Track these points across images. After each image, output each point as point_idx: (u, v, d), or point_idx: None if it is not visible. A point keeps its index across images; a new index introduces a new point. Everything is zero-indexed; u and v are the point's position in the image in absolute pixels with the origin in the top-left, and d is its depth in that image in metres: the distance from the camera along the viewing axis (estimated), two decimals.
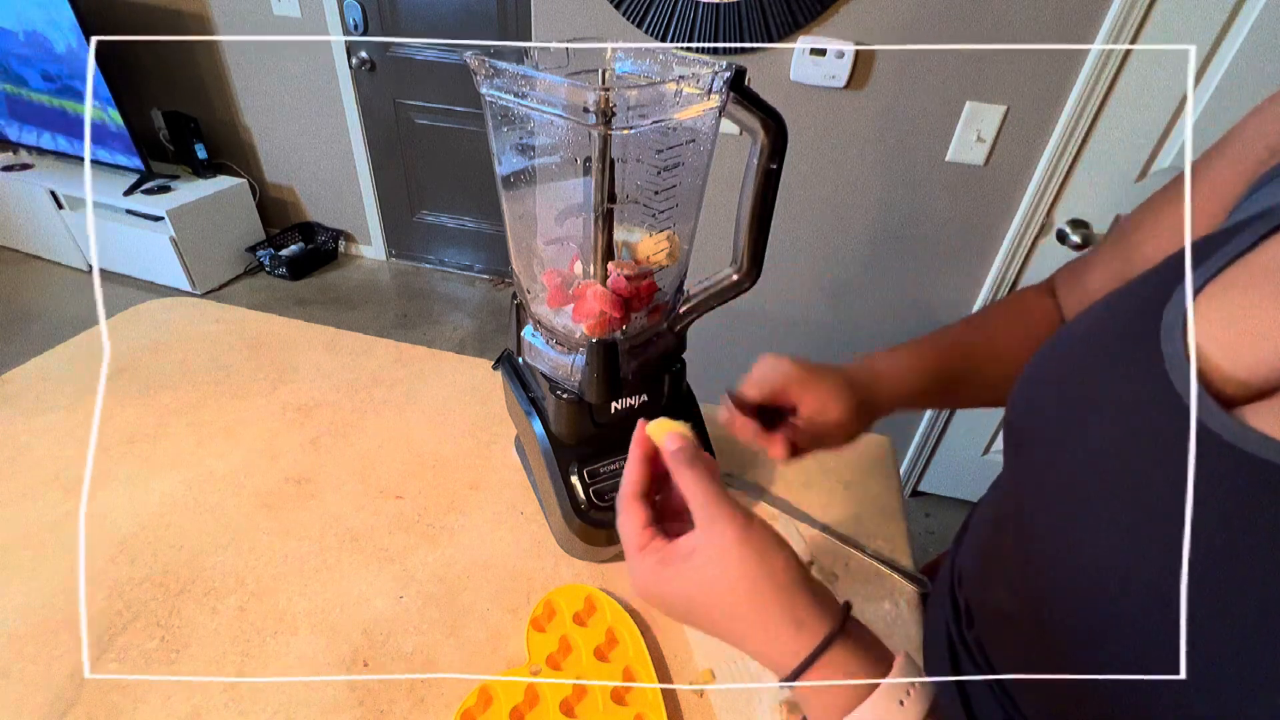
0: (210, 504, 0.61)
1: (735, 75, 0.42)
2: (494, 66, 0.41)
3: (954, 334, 0.49)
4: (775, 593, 0.28)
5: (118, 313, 0.86)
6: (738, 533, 0.29)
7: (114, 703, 0.46)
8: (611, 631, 0.51)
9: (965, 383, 0.47)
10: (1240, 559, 0.24)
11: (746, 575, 0.28)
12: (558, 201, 0.49)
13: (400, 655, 0.50)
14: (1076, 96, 1.14)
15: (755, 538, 0.29)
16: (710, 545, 0.29)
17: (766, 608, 0.28)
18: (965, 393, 0.49)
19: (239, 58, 2.47)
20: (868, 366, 0.45)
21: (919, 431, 1.67)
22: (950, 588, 0.49)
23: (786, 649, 0.28)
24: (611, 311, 0.47)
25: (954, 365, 0.47)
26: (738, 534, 0.29)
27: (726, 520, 0.29)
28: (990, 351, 0.48)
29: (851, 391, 0.42)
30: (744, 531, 0.29)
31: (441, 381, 0.79)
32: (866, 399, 0.43)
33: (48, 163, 2.56)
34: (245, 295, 2.58)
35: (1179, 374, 0.27)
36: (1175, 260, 0.33)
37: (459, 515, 0.62)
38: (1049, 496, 0.34)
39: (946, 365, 0.46)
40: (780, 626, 0.28)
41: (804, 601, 0.28)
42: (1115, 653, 0.29)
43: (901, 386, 0.45)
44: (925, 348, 0.47)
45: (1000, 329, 0.49)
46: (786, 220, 1.43)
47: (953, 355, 0.47)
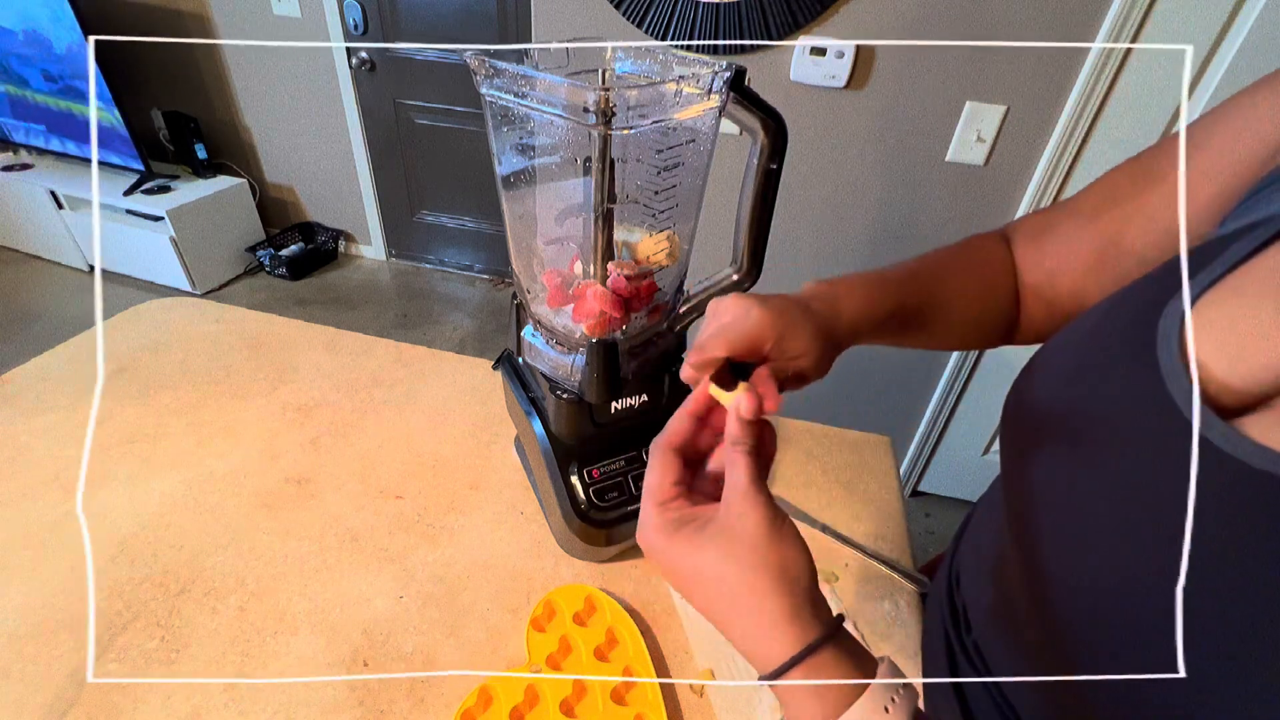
0: (210, 504, 0.61)
1: (735, 75, 0.42)
2: (494, 66, 0.41)
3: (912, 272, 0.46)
4: (780, 593, 0.28)
5: (118, 313, 0.86)
6: (765, 527, 0.29)
7: (114, 703, 0.46)
8: (611, 631, 0.51)
9: (922, 322, 0.45)
10: (1237, 569, 0.24)
11: (758, 569, 0.28)
12: (558, 201, 0.49)
13: (400, 655, 0.50)
14: (1076, 96, 1.14)
15: (784, 531, 0.29)
16: (733, 529, 0.29)
17: (767, 605, 0.28)
18: (921, 334, 0.47)
19: (239, 58, 2.47)
20: (830, 298, 0.41)
21: (919, 431, 1.67)
22: (948, 590, 0.49)
23: (774, 648, 0.28)
24: (611, 311, 0.47)
25: (912, 303, 0.44)
26: (765, 528, 0.29)
27: (759, 510, 0.29)
28: (947, 297, 0.46)
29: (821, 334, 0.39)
30: (771, 527, 0.29)
31: (441, 381, 0.79)
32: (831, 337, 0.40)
33: (48, 163, 2.56)
34: (245, 295, 2.58)
35: (1175, 382, 0.27)
36: (1172, 265, 0.33)
37: (459, 515, 0.62)
38: (1047, 503, 0.34)
39: (906, 303, 0.44)
40: (774, 625, 0.28)
41: (809, 601, 0.28)
42: (1113, 661, 0.29)
43: (861, 321, 0.42)
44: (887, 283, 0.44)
45: (957, 275, 0.48)
46: (786, 220, 1.43)
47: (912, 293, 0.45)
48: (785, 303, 0.38)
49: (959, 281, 0.47)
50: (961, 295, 0.47)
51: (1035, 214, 0.49)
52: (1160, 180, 0.41)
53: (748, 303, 0.37)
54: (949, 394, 1.57)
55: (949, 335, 0.48)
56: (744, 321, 0.36)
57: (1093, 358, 0.33)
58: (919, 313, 0.45)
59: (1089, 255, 0.43)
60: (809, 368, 0.38)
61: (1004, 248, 0.49)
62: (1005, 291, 0.48)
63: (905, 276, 0.45)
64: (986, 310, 0.47)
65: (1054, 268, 0.45)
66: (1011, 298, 0.48)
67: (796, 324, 0.37)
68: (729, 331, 0.36)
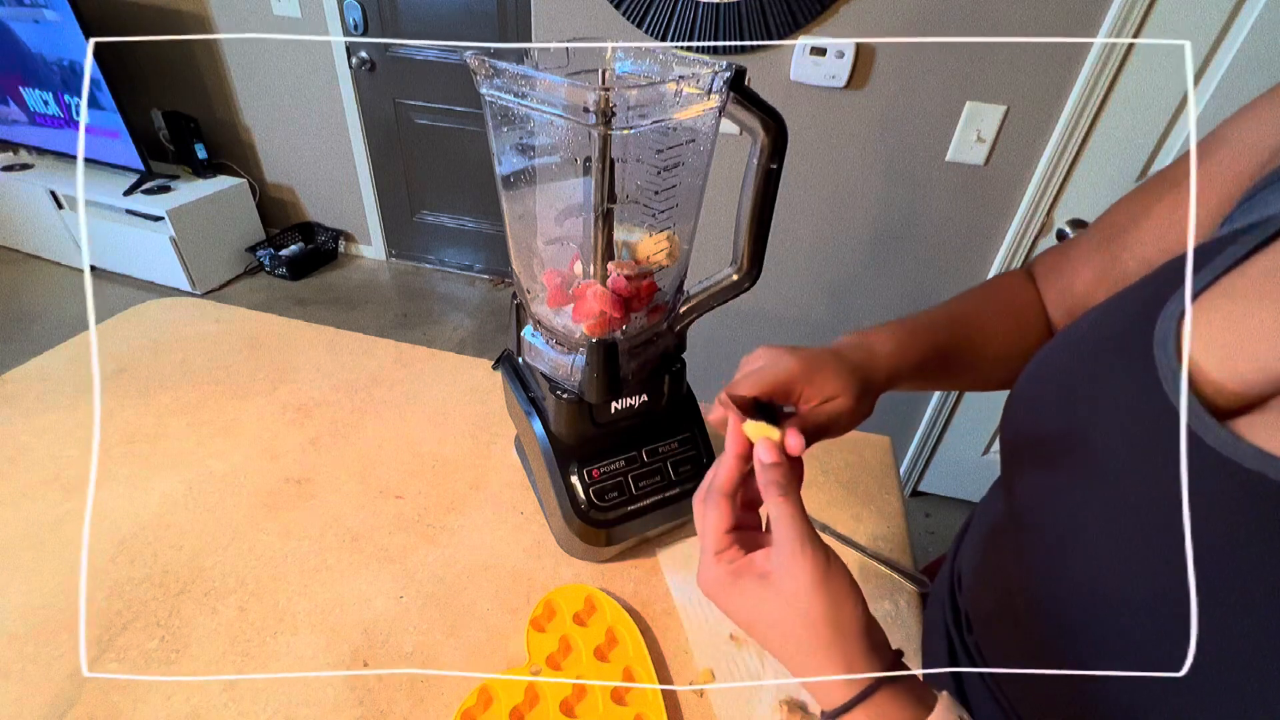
0: (210, 504, 0.61)
1: (735, 75, 0.42)
2: (494, 66, 0.41)
3: (943, 316, 0.47)
4: (837, 638, 0.29)
5: (118, 313, 0.86)
6: (817, 576, 0.30)
7: (114, 703, 0.46)
8: (611, 631, 0.51)
9: (956, 365, 0.46)
10: (1234, 569, 0.24)
11: (814, 616, 0.29)
12: (558, 201, 0.49)
13: (400, 655, 0.50)
14: (1076, 96, 1.14)
15: (833, 583, 0.30)
16: (788, 578, 0.30)
17: (825, 649, 0.29)
18: (958, 377, 0.48)
19: (239, 58, 2.47)
20: (864, 346, 0.43)
21: (919, 431, 1.67)
22: (950, 592, 0.49)
23: (833, 691, 0.29)
24: (611, 311, 0.47)
25: (946, 348, 0.45)
26: (817, 577, 0.30)
27: (810, 560, 0.30)
28: (980, 337, 0.47)
29: (855, 378, 0.40)
30: (824, 576, 0.30)
31: (441, 381, 0.79)
32: (867, 382, 0.41)
33: (48, 163, 2.56)
34: (245, 295, 2.58)
35: (1172, 384, 0.27)
36: (1168, 268, 0.33)
37: (459, 515, 0.62)
38: (1046, 505, 0.34)
39: (939, 347, 0.45)
40: (834, 668, 0.29)
41: (861, 648, 0.29)
42: (1114, 663, 0.29)
43: (898, 364, 0.43)
44: (919, 328, 0.45)
45: (988, 315, 0.48)
46: (786, 220, 1.43)
47: (945, 337, 0.46)
48: (817, 350, 0.40)
49: (991, 322, 0.48)
50: (995, 335, 0.47)
51: (1054, 249, 0.50)
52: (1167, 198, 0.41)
53: (779, 350, 0.39)
54: (949, 394, 1.57)
55: (985, 376, 0.48)
56: (774, 366, 0.38)
57: (1090, 361, 0.33)
58: (955, 355, 0.45)
59: (1110, 284, 0.43)
60: (845, 409, 0.39)
61: (1030, 285, 0.50)
62: (1037, 328, 0.48)
63: (937, 321, 0.46)
64: (1018, 348, 0.47)
65: (1079, 300, 0.45)
66: (1043, 334, 0.48)
67: (827, 367, 0.39)
68: (759, 374, 0.37)
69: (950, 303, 0.49)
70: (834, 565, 0.30)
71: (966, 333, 0.47)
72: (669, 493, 0.56)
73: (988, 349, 0.47)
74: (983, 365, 0.47)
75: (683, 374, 0.56)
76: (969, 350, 0.46)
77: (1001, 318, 0.48)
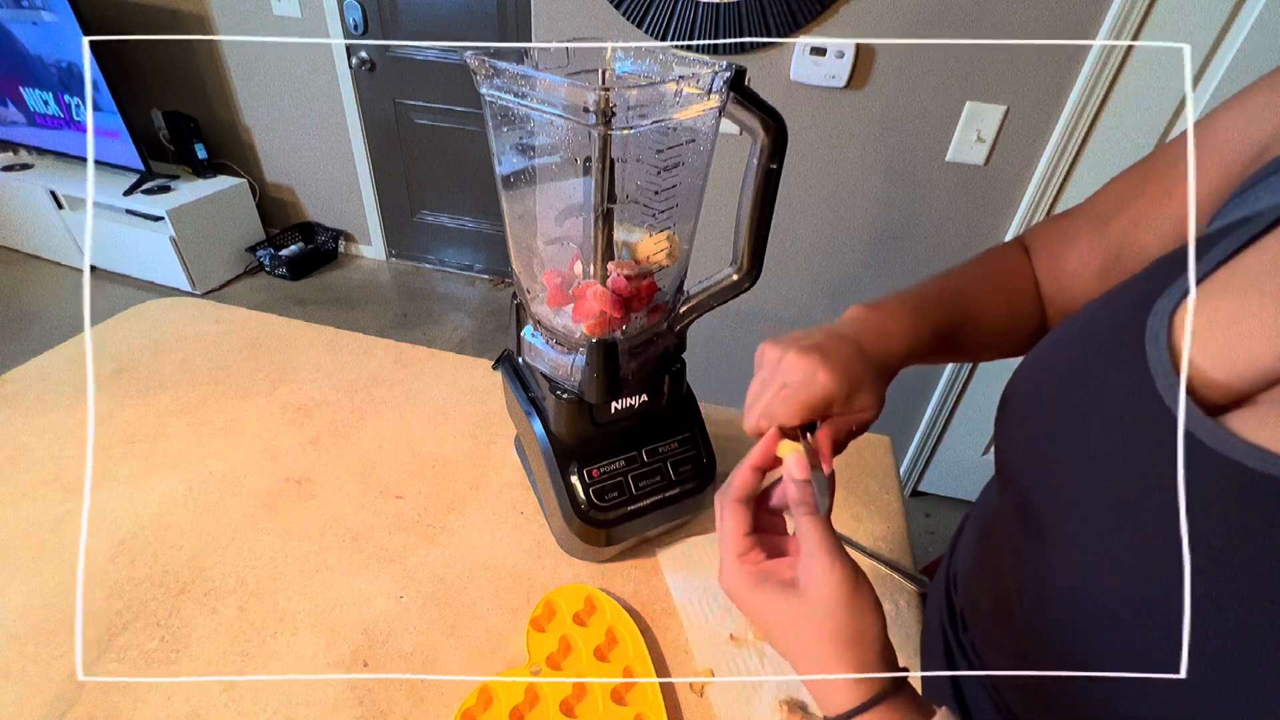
0: (210, 504, 0.61)
1: (735, 75, 0.42)
2: (494, 66, 0.41)
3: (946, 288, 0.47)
4: (855, 650, 0.30)
5: (118, 313, 0.86)
6: (847, 589, 0.30)
7: (114, 703, 0.46)
8: (611, 631, 0.51)
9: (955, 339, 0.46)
10: (1228, 565, 0.24)
11: (836, 629, 0.30)
12: (558, 201, 0.49)
13: (400, 655, 0.50)
14: (1076, 96, 1.14)
15: (859, 599, 0.30)
16: (813, 591, 0.31)
17: (835, 665, 0.30)
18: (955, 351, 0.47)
19: (239, 58, 2.47)
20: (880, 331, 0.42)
21: (919, 431, 1.67)
22: (946, 591, 0.49)
23: (839, 696, 0.30)
24: (611, 311, 0.47)
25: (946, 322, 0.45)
26: (847, 590, 0.30)
27: (840, 574, 0.31)
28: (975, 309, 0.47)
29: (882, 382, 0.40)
30: (853, 590, 0.30)
31: (441, 381, 0.79)
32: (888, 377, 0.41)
33: (48, 163, 2.56)
34: (245, 295, 2.58)
35: (1164, 380, 0.27)
36: (1160, 264, 0.33)
37: (459, 515, 0.62)
38: (1040, 502, 0.34)
39: (940, 323, 0.45)
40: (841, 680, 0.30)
41: (876, 661, 0.30)
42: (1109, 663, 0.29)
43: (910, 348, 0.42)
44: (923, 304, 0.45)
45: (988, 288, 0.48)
46: (786, 220, 1.43)
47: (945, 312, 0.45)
48: (847, 356, 0.38)
49: (985, 295, 0.48)
50: (989, 308, 0.47)
51: (1048, 222, 0.49)
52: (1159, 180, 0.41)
53: (813, 363, 0.37)
54: (949, 394, 1.57)
55: (980, 348, 0.49)
56: (812, 386, 0.36)
57: (1082, 358, 0.33)
58: (953, 330, 0.45)
59: (1099, 261, 0.43)
60: (875, 416, 0.39)
61: (1024, 257, 0.49)
62: (1030, 300, 0.48)
63: (936, 296, 0.46)
64: (1014, 320, 0.48)
65: (1069, 276, 0.46)
66: (1037, 305, 0.48)
67: (862, 380, 0.38)
68: (799, 396, 0.36)
69: (946, 275, 0.48)
70: (862, 580, 0.31)
71: (967, 305, 0.46)
72: (669, 493, 0.56)
73: (983, 324, 0.47)
74: (978, 340, 0.47)
75: (683, 374, 0.57)
76: (965, 325, 0.46)
77: (996, 291, 0.48)
